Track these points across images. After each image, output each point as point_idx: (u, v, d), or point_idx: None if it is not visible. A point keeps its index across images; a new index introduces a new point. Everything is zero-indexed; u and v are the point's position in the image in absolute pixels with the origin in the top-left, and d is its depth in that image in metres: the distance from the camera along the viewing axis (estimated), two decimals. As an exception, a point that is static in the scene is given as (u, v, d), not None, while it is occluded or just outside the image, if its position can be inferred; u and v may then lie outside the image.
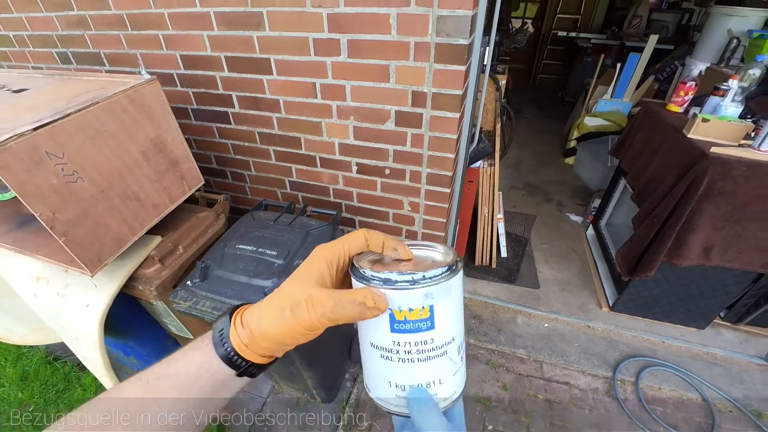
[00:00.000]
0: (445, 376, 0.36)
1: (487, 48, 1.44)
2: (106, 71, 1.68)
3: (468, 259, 2.45)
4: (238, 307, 0.39)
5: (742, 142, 1.64)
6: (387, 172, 1.55)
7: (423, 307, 0.33)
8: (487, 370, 1.95)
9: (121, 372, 1.46)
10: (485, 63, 1.47)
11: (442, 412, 0.36)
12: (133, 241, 1.26)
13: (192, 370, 0.36)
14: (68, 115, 1.01)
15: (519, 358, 2.01)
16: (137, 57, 1.59)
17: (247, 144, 1.71)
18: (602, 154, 3.09)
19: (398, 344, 0.34)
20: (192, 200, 1.56)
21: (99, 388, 1.95)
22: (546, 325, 2.16)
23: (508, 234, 2.61)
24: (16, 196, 1.29)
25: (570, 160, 3.64)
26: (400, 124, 1.40)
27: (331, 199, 1.74)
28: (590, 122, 3.28)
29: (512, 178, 3.47)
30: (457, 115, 1.32)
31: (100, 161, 1.10)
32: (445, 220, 1.62)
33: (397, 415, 0.37)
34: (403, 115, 1.37)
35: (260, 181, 1.83)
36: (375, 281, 0.34)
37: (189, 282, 1.27)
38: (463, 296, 0.37)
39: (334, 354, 1.75)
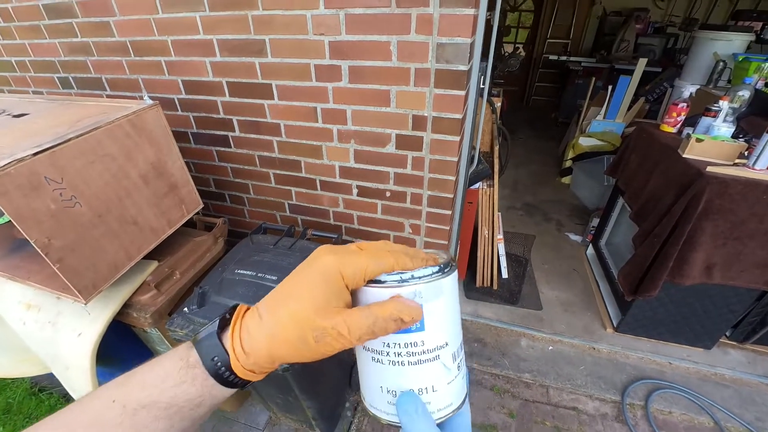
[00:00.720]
0: (438, 384, 0.34)
1: (485, 73, 1.47)
2: (107, 96, 1.69)
3: (469, 281, 2.43)
4: (224, 318, 0.35)
5: (737, 161, 1.67)
6: (388, 194, 1.54)
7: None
8: (492, 396, 1.89)
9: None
10: (483, 87, 1.50)
11: (437, 424, 0.34)
12: (129, 267, 1.23)
13: (186, 403, 0.32)
14: (69, 140, 1.01)
15: (524, 382, 1.95)
16: (139, 82, 1.61)
17: (246, 167, 1.71)
18: (598, 173, 3.13)
19: (388, 345, 0.33)
20: (190, 224, 1.54)
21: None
22: (550, 347, 2.11)
23: (508, 255, 2.59)
24: (10, 220, 1.27)
25: (566, 180, 3.67)
26: (400, 147, 1.41)
27: (332, 221, 1.73)
28: (585, 142, 3.34)
29: (510, 198, 3.49)
30: (458, 138, 1.33)
31: (100, 185, 1.09)
32: (446, 242, 1.61)
33: (390, 424, 0.35)
34: (403, 138, 1.38)
35: (260, 204, 1.82)
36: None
37: (186, 309, 1.23)
38: (458, 302, 0.35)
39: (334, 382, 1.70)
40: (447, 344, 0.34)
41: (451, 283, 0.33)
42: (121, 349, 1.56)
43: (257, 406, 1.88)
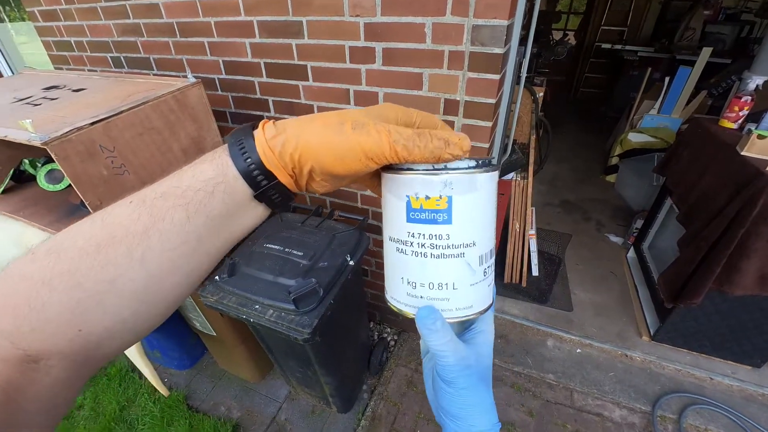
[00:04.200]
0: (460, 283, 0.33)
1: (524, 58, 1.41)
2: (154, 75, 1.80)
3: (496, 276, 2.37)
4: (241, 128, 0.31)
5: (809, 162, 1.50)
6: (416, 180, 1.53)
7: (440, 197, 0.30)
8: (512, 393, 1.85)
9: (149, 361, 1.52)
10: (521, 73, 1.44)
11: (456, 330, 0.36)
12: (168, 235, 1.31)
13: (201, 186, 0.29)
14: (121, 112, 1.09)
15: (547, 383, 1.90)
16: (183, 62, 1.69)
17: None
18: (646, 172, 2.92)
19: (413, 235, 0.32)
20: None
21: (123, 379, 2.04)
22: (578, 350, 2.03)
23: (540, 252, 2.50)
24: (65, 188, 1.39)
25: (611, 178, 3.47)
26: (431, 131, 1.39)
27: (359, 204, 1.74)
28: (635, 138, 3.12)
29: (548, 195, 3.35)
30: (490, 124, 1.29)
31: (146, 156, 1.17)
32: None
33: (407, 315, 0.36)
34: (434, 122, 1.36)
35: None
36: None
37: (217, 277, 1.30)
38: (493, 205, 0.33)
39: (353, 362, 1.73)
40: (474, 244, 0.32)
41: (487, 180, 0.31)
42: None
43: (278, 379, 1.97)
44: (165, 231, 0.28)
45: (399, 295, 0.35)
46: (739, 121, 1.80)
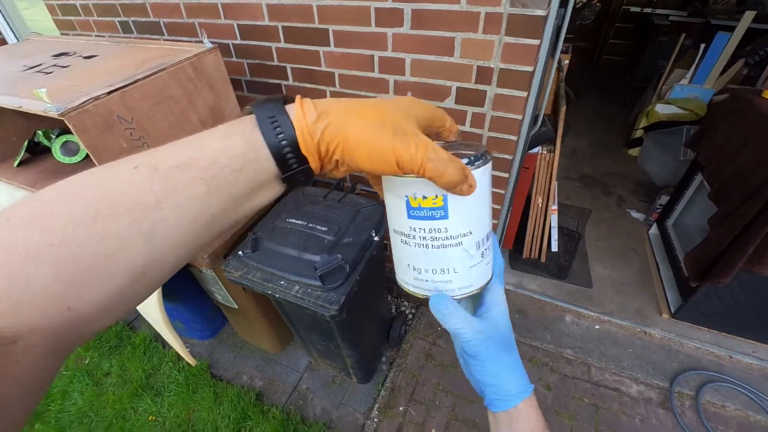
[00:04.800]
0: (460, 266, 0.37)
1: (563, 22, 1.30)
2: (164, 40, 1.71)
3: (515, 251, 2.34)
4: (270, 99, 0.29)
5: None
6: (441, 153, 1.47)
7: (436, 196, 0.33)
8: (529, 367, 1.87)
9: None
10: (559, 40, 1.34)
11: (469, 308, 0.43)
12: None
13: (229, 162, 0.27)
14: (138, 80, 1.03)
15: (565, 358, 1.90)
16: (195, 26, 1.60)
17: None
18: (673, 145, 2.81)
19: (414, 230, 0.35)
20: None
21: (147, 348, 2.08)
22: (597, 326, 2.03)
23: (559, 227, 2.45)
24: (80, 161, 1.35)
25: (634, 152, 3.34)
26: (460, 101, 1.31)
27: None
28: (662, 110, 2.98)
29: (567, 168, 3.25)
30: (525, 94, 1.21)
31: (164, 127, 1.12)
32: (500, 207, 1.53)
33: (416, 296, 0.40)
34: (464, 92, 1.28)
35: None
36: None
37: (240, 252, 1.29)
38: (488, 195, 0.36)
39: (374, 335, 1.75)
40: (471, 233, 0.35)
41: (479, 175, 0.33)
42: (179, 285, 1.69)
43: (298, 350, 2.00)
44: (179, 206, 0.26)
45: (407, 279, 0.39)
46: (786, 93, 1.69)
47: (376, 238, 1.31)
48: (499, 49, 1.15)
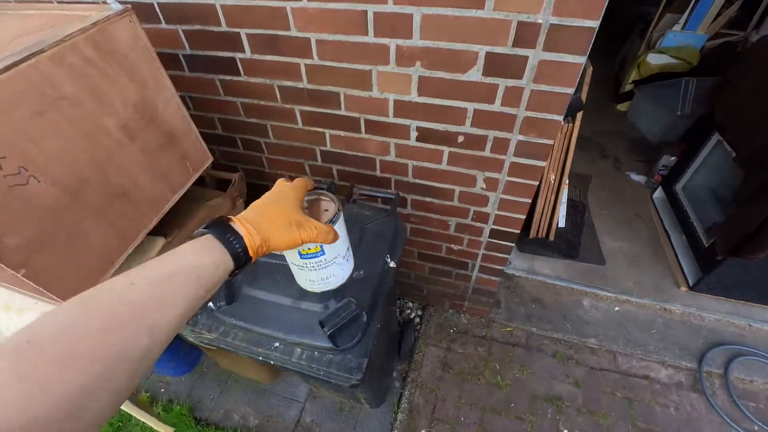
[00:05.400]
0: (337, 273, 0.72)
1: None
2: (58, 2, 1.20)
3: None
4: (216, 223, 0.46)
5: None
6: (460, 139, 1.15)
7: (316, 246, 0.63)
8: (554, 364, 1.70)
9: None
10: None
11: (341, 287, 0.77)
12: (127, 254, 0.90)
13: (209, 268, 0.41)
14: (-10, 74, 0.60)
15: (589, 348, 1.76)
16: (100, -22, 1.11)
17: (263, 102, 1.28)
18: (670, 99, 2.62)
19: (305, 263, 0.65)
20: (198, 181, 1.18)
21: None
22: (617, 308, 1.88)
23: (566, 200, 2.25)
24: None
25: (623, 107, 3.16)
26: (490, 72, 0.98)
27: (377, 173, 1.35)
28: (655, 60, 2.77)
29: (556, 129, 3.02)
30: (583, 60, 0.90)
31: (60, 147, 0.71)
32: (529, 200, 1.26)
33: (314, 291, 0.76)
34: (497, 59, 0.95)
35: (282, 150, 1.43)
36: None
37: (212, 305, 0.93)
38: (344, 231, 0.67)
39: (385, 358, 1.48)
40: (339, 255, 0.68)
41: (338, 226, 0.62)
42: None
43: (293, 376, 1.71)
44: (175, 304, 0.38)
45: (306, 285, 0.74)
46: (830, 36, 1.48)
47: (392, 264, 1.00)
48: (552, -5, 0.81)
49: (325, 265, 0.66)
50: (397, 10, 0.93)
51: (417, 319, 1.86)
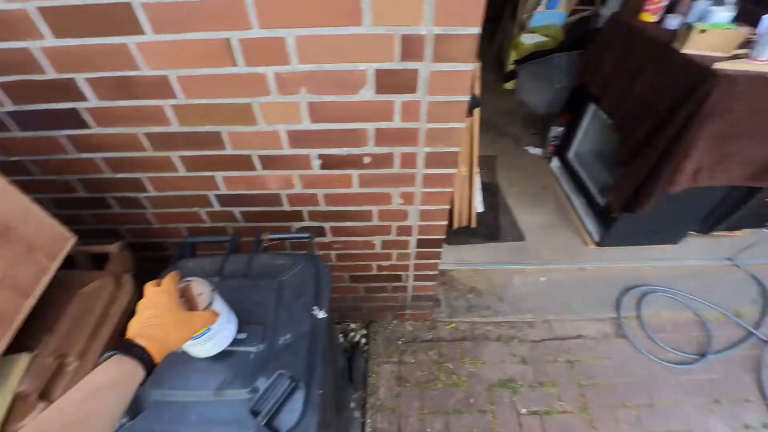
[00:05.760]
0: (222, 340, 0.74)
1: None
2: None
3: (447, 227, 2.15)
4: (117, 344, 0.53)
5: (736, 52, 1.47)
6: (367, 160, 1.08)
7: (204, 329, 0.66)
8: (501, 348, 1.77)
9: None
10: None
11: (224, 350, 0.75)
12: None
13: (128, 375, 0.50)
14: None
15: (527, 323, 1.85)
16: None
17: (130, 154, 1.07)
18: (546, 75, 2.87)
19: (196, 343, 0.68)
20: (66, 262, 0.94)
21: None
22: (543, 278, 2.02)
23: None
24: None
25: (510, 85, 3.40)
26: (383, 90, 0.91)
27: (286, 208, 1.23)
28: (528, 40, 3.01)
29: (457, 116, 3.14)
30: (472, 66, 0.88)
31: None
32: (448, 207, 1.24)
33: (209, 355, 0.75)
34: (387, 75, 0.89)
35: (168, 202, 1.22)
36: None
37: (125, 419, 0.74)
38: (222, 306, 0.73)
39: (337, 397, 1.38)
40: (220, 329, 0.72)
41: (217, 304, 0.70)
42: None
43: None
44: (112, 404, 0.47)
45: (201, 353, 0.73)
46: (659, 14, 1.71)
47: (321, 315, 0.90)
48: (430, 6, 0.77)
49: (214, 335, 0.70)
50: (267, 35, 0.82)
51: (363, 340, 1.79)
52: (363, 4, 0.77)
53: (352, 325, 1.86)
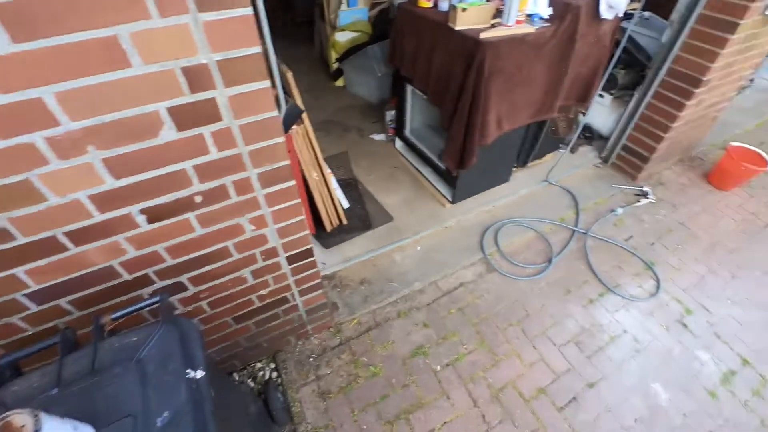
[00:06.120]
0: None
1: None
2: None
3: (320, 231, 2.18)
4: None
5: (492, 21, 1.82)
6: (199, 199, 1.02)
7: None
8: (403, 323, 1.89)
9: None
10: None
11: None
12: None
13: None
14: None
15: (418, 291, 2.03)
16: None
17: None
18: (367, 66, 3.10)
19: None
20: None
21: None
22: (418, 248, 2.22)
23: (338, 183, 2.42)
24: None
25: (340, 82, 3.55)
26: (186, 125, 0.87)
27: (126, 278, 1.08)
28: (342, 38, 3.18)
29: (300, 123, 3.16)
30: (267, 83, 0.90)
31: None
32: (303, 217, 1.26)
33: None
34: (183, 110, 0.84)
35: (-44, 323, 0.95)
36: None
37: None
38: (52, 420, 0.61)
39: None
40: None
41: (49, 427, 0.59)
42: None
43: None
44: None
45: None
46: (432, -1, 1.99)
47: (199, 375, 0.84)
48: (200, 34, 0.76)
49: None
50: (17, 99, 0.69)
51: (274, 374, 1.71)
52: (125, 46, 0.71)
53: (258, 365, 1.75)
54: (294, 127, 1.64)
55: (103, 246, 0.98)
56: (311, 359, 1.76)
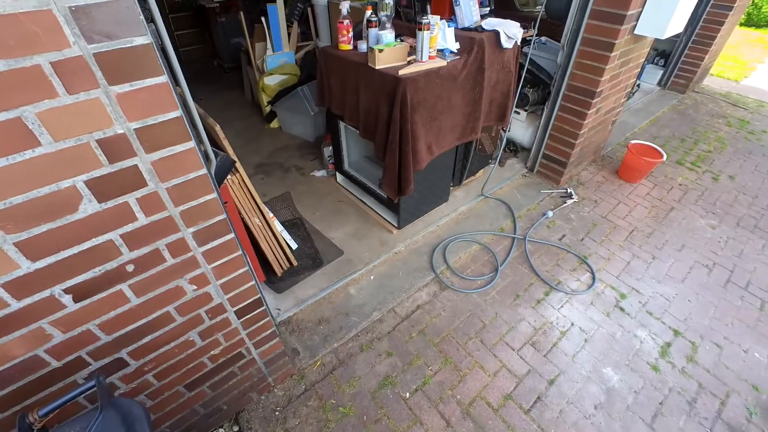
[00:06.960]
0: None
1: (162, 37, 1.00)
2: None
3: (271, 276, 2.13)
4: None
5: (408, 59, 1.97)
6: (131, 268, 0.97)
7: None
8: (366, 356, 1.88)
9: None
10: (168, 57, 1.03)
11: None
12: None
13: None
14: None
15: (378, 320, 2.03)
16: None
17: None
18: (299, 106, 3.16)
19: None
20: None
21: None
22: (372, 277, 2.24)
23: (283, 224, 2.40)
24: None
25: (275, 124, 3.57)
26: (107, 196, 0.84)
27: (55, 365, 0.98)
28: (271, 82, 3.23)
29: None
30: (191, 144, 0.91)
31: None
32: (246, 268, 1.24)
33: None
34: (104, 181, 0.82)
35: None
36: None
37: None
38: None
39: None
40: None
41: None
42: None
43: None
44: None
45: None
46: (351, 42, 2.12)
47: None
48: (114, 106, 0.76)
49: None
50: None
51: (238, 437, 1.61)
52: (31, 126, 0.69)
53: (220, 430, 1.64)
54: (229, 177, 1.63)
55: (24, 335, 0.89)
56: (277, 412, 1.68)
